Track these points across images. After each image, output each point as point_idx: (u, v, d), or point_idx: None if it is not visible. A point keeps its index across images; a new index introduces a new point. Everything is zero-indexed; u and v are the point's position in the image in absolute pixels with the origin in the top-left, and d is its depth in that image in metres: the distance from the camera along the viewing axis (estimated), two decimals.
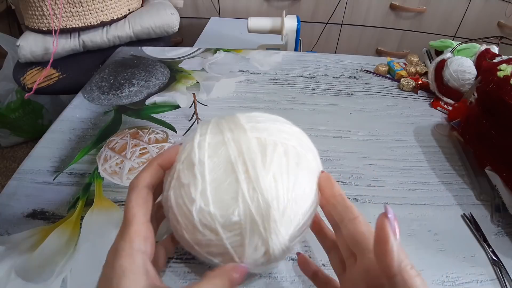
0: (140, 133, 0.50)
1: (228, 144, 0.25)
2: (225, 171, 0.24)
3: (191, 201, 0.24)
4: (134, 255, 0.22)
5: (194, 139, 0.26)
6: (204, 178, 0.24)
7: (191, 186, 0.24)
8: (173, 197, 0.26)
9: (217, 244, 0.24)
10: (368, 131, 0.52)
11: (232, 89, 0.60)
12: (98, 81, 0.62)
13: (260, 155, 0.24)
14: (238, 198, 0.23)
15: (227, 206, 0.23)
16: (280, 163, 0.25)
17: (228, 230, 0.24)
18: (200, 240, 0.25)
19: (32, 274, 0.32)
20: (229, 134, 0.26)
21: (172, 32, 0.94)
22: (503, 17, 1.34)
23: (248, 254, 0.24)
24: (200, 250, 0.25)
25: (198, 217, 0.24)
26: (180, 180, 0.25)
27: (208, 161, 0.25)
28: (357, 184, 0.43)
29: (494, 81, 0.42)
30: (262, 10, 1.41)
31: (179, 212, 0.25)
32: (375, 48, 1.52)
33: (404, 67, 0.65)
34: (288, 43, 0.82)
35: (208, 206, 0.24)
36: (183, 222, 0.25)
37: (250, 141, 0.25)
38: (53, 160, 0.45)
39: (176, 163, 0.27)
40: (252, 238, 0.24)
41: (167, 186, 0.27)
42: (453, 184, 0.44)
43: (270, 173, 0.24)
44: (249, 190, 0.23)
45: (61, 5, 0.80)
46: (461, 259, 0.35)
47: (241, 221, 0.23)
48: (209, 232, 0.24)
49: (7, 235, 0.36)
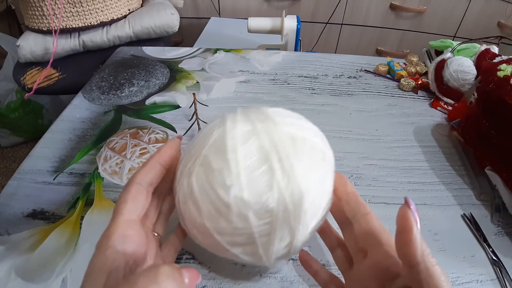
0: (140, 133, 0.50)
1: (260, 134, 0.25)
2: (258, 159, 0.24)
3: (224, 186, 0.23)
4: (106, 253, 0.21)
5: (226, 125, 0.26)
6: (238, 164, 0.24)
7: (224, 171, 0.24)
8: (197, 183, 0.25)
9: (243, 233, 0.24)
10: (368, 131, 0.52)
11: (232, 89, 0.60)
12: (98, 81, 0.62)
13: (292, 147, 0.25)
14: (273, 186, 0.23)
15: (261, 193, 0.23)
16: (310, 157, 0.25)
17: (259, 218, 0.23)
18: (223, 228, 0.24)
19: (32, 274, 0.32)
20: (259, 124, 0.26)
21: (172, 32, 0.94)
22: (503, 17, 1.34)
23: (273, 244, 0.24)
24: (221, 239, 0.24)
25: (231, 203, 0.23)
26: (209, 166, 0.25)
27: (241, 148, 0.24)
28: (357, 184, 0.43)
29: (494, 81, 0.42)
30: (262, 10, 1.41)
31: (203, 198, 0.24)
32: (375, 48, 1.52)
33: (404, 67, 0.65)
34: (288, 43, 0.82)
35: (242, 192, 0.23)
36: (206, 209, 0.24)
37: (282, 133, 0.25)
38: (53, 160, 0.45)
39: (197, 149, 0.26)
40: (282, 227, 0.24)
41: (185, 172, 0.26)
42: (453, 184, 0.44)
43: (303, 164, 0.24)
44: (284, 179, 0.23)
45: (61, 5, 0.80)
46: (461, 259, 0.35)
47: (273, 209, 0.23)
48: (238, 219, 0.23)
49: (7, 235, 0.36)
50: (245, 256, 0.25)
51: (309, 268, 0.30)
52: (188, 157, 0.27)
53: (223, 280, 0.32)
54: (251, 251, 0.25)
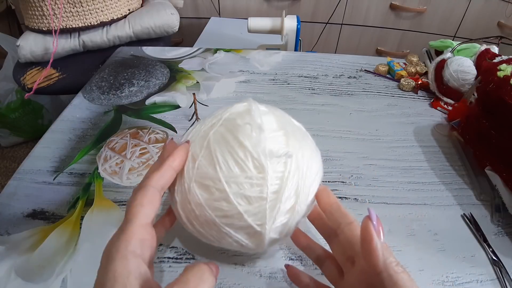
0: (140, 133, 0.50)
1: (275, 114, 0.30)
2: (277, 127, 0.28)
3: (248, 136, 0.26)
4: (128, 258, 0.21)
5: (248, 101, 0.30)
6: (262, 123, 0.27)
7: (250, 126, 0.27)
8: (215, 137, 0.27)
9: (256, 183, 0.25)
10: (368, 131, 0.52)
11: (232, 89, 0.60)
12: (98, 81, 0.62)
13: (299, 130, 0.31)
14: (289, 145, 0.27)
15: (278, 149, 0.26)
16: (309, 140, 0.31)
17: (274, 170, 0.25)
18: (236, 177, 0.25)
19: (32, 274, 0.32)
20: (273, 109, 0.31)
21: (172, 32, 0.94)
22: (503, 17, 1.34)
23: (280, 203, 0.25)
24: (230, 190, 0.25)
25: (252, 151, 0.25)
26: (232, 123, 0.27)
27: (264, 116, 0.28)
28: (357, 184, 0.43)
29: (494, 81, 0.42)
30: (262, 10, 1.41)
31: (221, 149, 0.26)
32: (375, 48, 1.52)
33: (404, 67, 0.65)
34: (288, 43, 0.82)
35: (265, 143, 0.26)
36: (222, 158, 0.26)
37: (291, 120, 0.32)
38: (53, 160, 0.45)
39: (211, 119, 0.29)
40: (291, 185, 0.26)
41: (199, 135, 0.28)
42: (453, 184, 0.44)
43: (306, 142, 0.29)
44: (296, 144, 0.28)
45: (61, 5, 0.80)
46: (461, 259, 0.35)
47: (287, 164, 0.26)
48: (254, 168, 0.25)
49: (7, 235, 0.36)
50: (249, 218, 0.25)
51: (299, 282, 0.30)
52: (199, 128, 0.29)
53: (223, 280, 0.32)
54: (257, 210, 0.25)
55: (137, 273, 0.21)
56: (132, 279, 0.20)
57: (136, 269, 0.21)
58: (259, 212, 0.25)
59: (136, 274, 0.20)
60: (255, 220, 0.25)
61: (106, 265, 0.21)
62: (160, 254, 0.34)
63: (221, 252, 0.34)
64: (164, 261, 0.34)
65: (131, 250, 0.21)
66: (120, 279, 0.20)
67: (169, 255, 0.34)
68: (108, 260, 0.21)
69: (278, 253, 0.35)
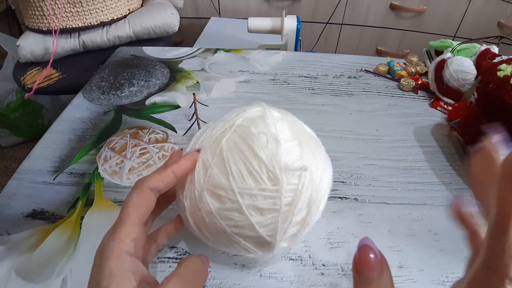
0: (140, 133, 0.50)
1: (289, 121, 0.29)
2: (291, 136, 0.28)
3: (263, 146, 0.25)
4: (123, 257, 0.21)
5: (262, 106, 0.30)
6: (277, 132, 0.26)
7: (265, 135, 0.26)
8: (228, 145, 0.26)
9: (269, 195, 0.25)
10: (368, 131, 0.52)
11: (232, 89, 0.60)
12: (98, 81, 0.62)
13: (311, 137, 0.30)
14: (303, 157, 0.26)
15: (293, 161, 0.26)
16: (321, 149, 0.31)
17: (288, 182, 0.25)
18: (249, 189, 0.25)
19: (32, 274, 0.32)
20: (285, 115, 0.30)
21: (172, 32, 0.94)
22: (503, 17, 1.34)
23: (292, 216, 0.25)
24: (243, 201, 0.25)
25: (267, 162, 0.25)
26: (246, 131, 0.27)
27: (278, 123, 0.28)
28: (357, 184, 0.43)
29: (494, 81, 0.42)
30: (262, 10, 1.41)
31: (235, 158, 0.25)
32: (375, 48, 1.52)
33: (404, 67, 0.65)
34: (288, 43, 0.82)
35: (280, 155, 0.25)
36: (236, 169, 0.25)
37: (304, 127, 0.31)
38: (53, 160, 0.45)
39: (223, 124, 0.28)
40: (304, 196, 0.25)
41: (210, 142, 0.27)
42: (453, 184, 0.44)
43: (318, 151, 0.29)
44: (310, 155, 0.27)
45: (61, 5, 0.80)
46: (461, 259, 0.35)
47: (301, 176, 0.25)
48: (268, 180, 0.25)
49: (7, 235, 0.36)
50: (260, 229, 0.25)
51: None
52: (209, 133, 0.28)
53: (223, 280, 0.32)
54: (269, 221, 0.25)
55: (133, 270, 0.21)
56: (129, 276, 0.20)
57: (132, 266, 0.21)
58: (271, 223, 0.25)
59: (133, 271, 0.21)
60: (267, 231, 0.25)
61: (101, 263, 0.21)
62: (160, 254, 0.34)
63: (221, 252, 0.34)
64: (164, 261, 0.34)
65: (125, 249, 0.22)
66: (117, 277, 0.20)
67: (169, 255, 0.34)
68: (103, 259, 0.21)
69: (278, 253, 0.35)
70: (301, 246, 0.35)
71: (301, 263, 0.34)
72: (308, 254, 0.35)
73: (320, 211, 0.28)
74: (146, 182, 0.25)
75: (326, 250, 0.35)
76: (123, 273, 0.21)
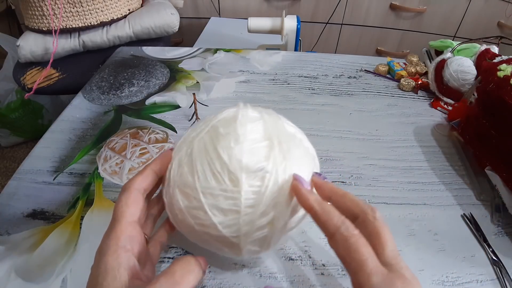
0: (140, 133, 0.50)
1: (266, 121, 0.28)
2: (262, 136, 0.27)
3: (227, 147, 0.25)
4: (118, 252, 0.22)
5: (238, 107, 0.29)
6: (244, 133, 0.26)
7: (231, 136, 0.26)
8: (199, 145, 0.27)
9: (230, 196, 0.24)
10: (368, 131, 0.52)
11: (232, 89, 0.60)
12: (98, 81, 0.62)
13: (291, 139, 0.28)
14: (270, 158, 0.25)
15: (257, 161, 0.25)
16: (303, 152, 0.28)
17: (250, 184, 0.24)
18: (212, 189, 0.25)
19: (32, 274, 0.32)
20: (267, 115, 0.29)
21: (172, 32, 0.94)
22: (503, 17, 1.34)
23: (255, 218, 0.25)
24: (206, 200, 0.25)
25: (228, 163, 0.25)
26: (216, 131, 0.27)
27: (249, 124, 0.27)
28: (357, 184, 0.43)
29: (494, 81, 0.42)
30: (262, 10, 1.41)
31: (201, 158, 0.26)
32: (375, 48, 1.52)
33: (404, 67, 0.65)
34: (288, 43, 0.82)
35: (242, 156, 0.25)
36: (201, 168, 0.25)
37: (284, 128, 0.29)
38: (53, 160, 0.45)
39: (202, 124, 0.29)
40: (267, 200, 0.25)
41: (187, 141, 0.28)
42: (453, 184, 0.44)
43: (297, 154, 0.27)
44: (280, 155, 0.26)
45: (61, 5, 0.80)
46: (461, 259, 0.35)
47: (265, 178, 0.25)
48: (230, 181, 0.25)
49: (7, 235, 0.36)
50: (223, 230, 0.25)
51: None
52: (190, 133, 0.29)
53: (223, 280, 0.32)
54: (232, 222, 0.25)
55: (127, 265, 0.22)
56: (122, 271, 0.21)
57: (126, 262, 0.22)
58: (234, 224, 0.25)
59: (126, 266, 0.22)
60: (230, 232, 0.25)
61: (99, 260, 0.22)
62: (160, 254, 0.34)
63: None
64: (164, 261, 0.34)
65: (121, 245, 0.23)
66: (111, 271, 0.21)
67: (169, 255, 0.34)
68: (100, 256, 0.22)
69: (278, 253, 0.35)
70: (301, 246, 0.35)
71: (301, 263, 0.34)
72: (308, 254, 0.35)
73: (299, 216, 0.27)
74: (132, 184, 0.26)
75: (326, 250, 0.35)
76: (117, 268, 0.21)
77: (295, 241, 0.36)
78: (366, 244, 0.22)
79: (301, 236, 0.36)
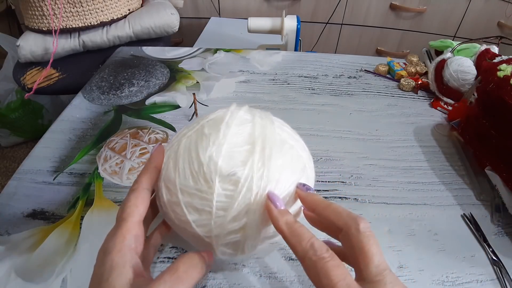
0: (140, 133, 0.50)
1: (256, 124, 0.28)
2: (244, 140, 0.26)
3: (205, 148, 0.26)
4: (124, 251, 0.22)
5: (230, 108, 0.29)
6: (225, 136, 0.26)
7: (211, 137, 0.26)
8: (185, 144, 0.27)
9: (203, 196, 0.25)
10: (368, 131, 0.52)
11: (232, 89, 0.60)
12: (98, 81, 0.62)
13: (278, 146, 0.27)
14: (247, 164, 0.25)
15: (233, 166, 0.25)
16: (289, 160, 0.27)
17: (223, 187, 0.25)
18: (188, 187, 0.25)
19: (32, 274, 0.32)
20: (259, 119, 0.28)
21: (172, 32, 0.94)
22: (503, 17, 1.34)
23: (226, 221, 0.25)
24: (183, 198, 0.26)
25: (204, 164, 0.25)
26: (201, 131, 0.27)
27: (235, 127, 0.27)
28: (357, 184, 0.43)
29: (494, 81, 0.42)
30: (262, 10, 1.41)
31: (184, 156, 0.26)
32: (375, 48, 1.52)
33: (404, 67, 0.65)
34: (288, 43, 0.82)
35: (218, 158, 0.25)
36: (182, 166, 0.26)
37: (274, 133, 0.28)
38: (53, 160, 0.45)
39: (197, 121, 0.29)
40: (240, 206, 0.24)
41: (179, 136, 0.29)
42: (453, 184, 0.44)
43: (280, 162, 0.26)
44: (259, 162, 0.25)
45: (61, 5, 0.80)
46: (461, 259, 0.35)
47: (239, 183, 0.24)
48: (205, 182, 0.25)
49: (7, 235, 0.36)
50: (197, 228, 0.25)
51: None
52: (182, 129, 0.30)
53: (223, 280, 0.32)
54: (205, 222, 0.25)
55: (132, 263, 0.22)
56: (127, 268, 0.22)
57: (131, 260, 0.22)
58: (207, 225, 0.25)
59: (131, 264, 0.22)
60: (204, 232, 0.25)
61: (103, 258, 0.22)
62: (160, 254, 0.34)
63: None
64: (164, 261, 0.34)
65: (127, 244, 0.23)
66: (117, 268, 0.21)
67: (169, 255, 0.34)
68: (105, 254, 0.22)
69: (278, 253, 0.35)
70: None
71: None
72: None
73: (268, 225, 0.26)
74: (141, 183, 0.26)
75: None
76: (123, 265, 0.22)
77: None
78: (338, 265, 0.20)
79: None
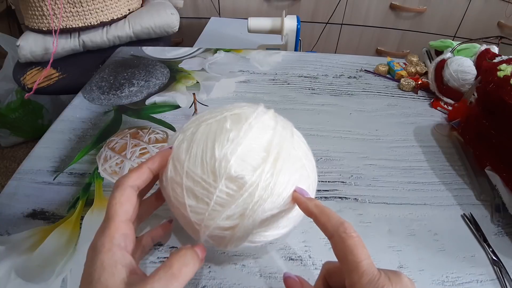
0: (140, 133, 0.50)
1: (276, 133, 0.28)
2: (261, 146, 0.27)
3: (222, 143, 0.26)
4: (113, 250, 0.22)
5: (258, 108, 0.29)
6: (245, 137, 0.26)
7: (231, 133, 0.27)
8: (204, 130, 0.28)
9: (205, 187, 0.26)
10: (368, 131, 0.52)
11: (232, 89, 0.60)
12: (98, 81, 0.62)
13: (292, 160, 0.28)
14: (256, 171, 0.26)
15: (244, 169, 0.25)
16: (299, 179, 0.28)
17: (227, 186, 0.25)
18: (195, 174, 0.26)
19: (32, 274, 0.32)
20: (280, 128, 0.29)
21: (172, 32, 0.94)
22: (503, 17, 1.34)
23: (220, 217, 0.25)
24: (186, 181, 0.26)
25: (217, 158, 0.26)
26: (223, 124, 0.28)
27: (256, 130, 0.27)
28: (357, 184, 0.43)
29: (494, 81, 0.42)
30: (262, 10, 1.41)
31: (199, 143, 0.27)
32: (375, 48, 1.52)
33: (404, 67, 0.65)
34: (288, 43, 0.82)
35: (232, 156, 0.26)
36: (195, 152, 0.27)
37: (291, 146, 0.28)
38: (53, 160, 0.45)
39: (220, 110, 0.29)
40: (237, 207, 0.25)
41: (195, 122, 0.29)
42: (453, 184, 0.44)
43: (289, 178, 0.27)
44: (268, 173, 0.26)
45: (61, 5, 0.80)
46: (461, 259, 0.35)
47: (243, 187, 0.25)
48: (212, 174, 0.26)
49: (7, 235, 0.36)
50: (191, 213, 0.26)
51: None
52: (204, 114, 0.30)
53: (223, 280, 0.32)
54: (200, 211, 0.26)
55: (123, 262, 0.22)
56: (119, 267, 0.22)
57: (122, 259, 0.22)
58: (201, 213, 0.26)
59: (123, 263, 0.22)
60: (196, 218, 0.26)
61: (93, 257, 0.22)
62: (160, 254, 0.34)
63: (221, 252, 0.34)
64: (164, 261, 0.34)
65: (116, 243, 0.23)
66: (108, 268, 0.21)
67: (168, 255, 0.34)
68: (95, 253, 0.22)
69: (278, 253, 0.35)
70: (301, 246, 0.35)
71: (301, 263, 0.34)
72: (308, 254, 0.35)
73: (269, 235, 0.28)
74: (126, 180, 0.26)
75: (326, 250, 0.35)
76: (114, 265, 0.22)
77: (295, 241, 0.36)
78: (364, 246, 0.22)
79: (301, 236, 0.36)
